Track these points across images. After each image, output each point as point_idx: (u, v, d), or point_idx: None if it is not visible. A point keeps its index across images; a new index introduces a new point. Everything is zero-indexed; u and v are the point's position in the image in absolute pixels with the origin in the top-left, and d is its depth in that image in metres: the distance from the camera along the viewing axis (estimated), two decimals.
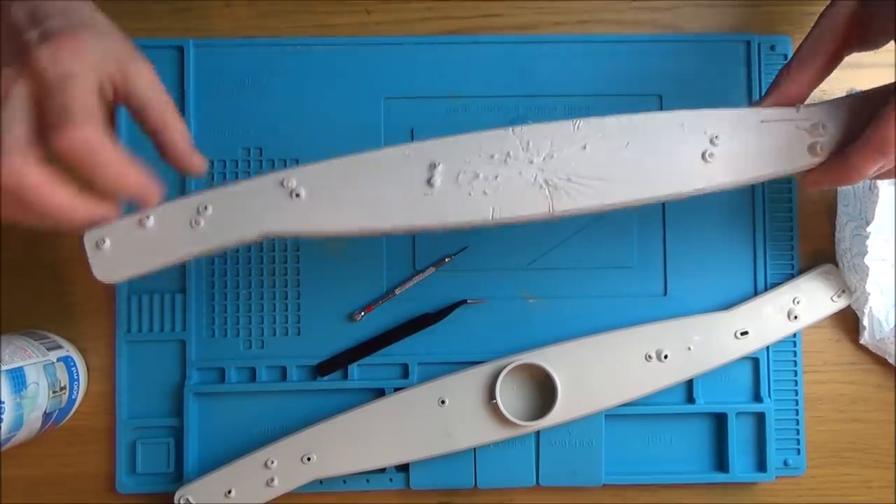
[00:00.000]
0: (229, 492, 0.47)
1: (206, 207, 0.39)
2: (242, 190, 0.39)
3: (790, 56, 0.51)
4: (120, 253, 0.39)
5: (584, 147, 0.39)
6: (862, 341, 0.50)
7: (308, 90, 0.51)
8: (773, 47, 0.51)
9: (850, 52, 0.40)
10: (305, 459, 0.47)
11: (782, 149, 0.39)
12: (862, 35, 0.40)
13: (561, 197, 0.38)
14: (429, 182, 0.39)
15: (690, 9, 0.52)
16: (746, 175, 0.39)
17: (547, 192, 0.39)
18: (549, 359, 0.48)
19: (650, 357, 0.49)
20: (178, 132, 0.38)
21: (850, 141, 0.38)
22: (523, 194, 0.38)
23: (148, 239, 0.39)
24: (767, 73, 0.51)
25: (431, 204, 0.38)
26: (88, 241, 0.38)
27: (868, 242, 0.47)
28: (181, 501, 0.47)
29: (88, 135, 0.33)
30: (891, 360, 0.50)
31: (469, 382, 0.48)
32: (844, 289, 0.50)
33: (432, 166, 0.39)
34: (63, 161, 0.33)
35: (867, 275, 0.47)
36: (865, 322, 0.49)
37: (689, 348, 0.49)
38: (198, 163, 0.39)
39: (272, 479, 0.47)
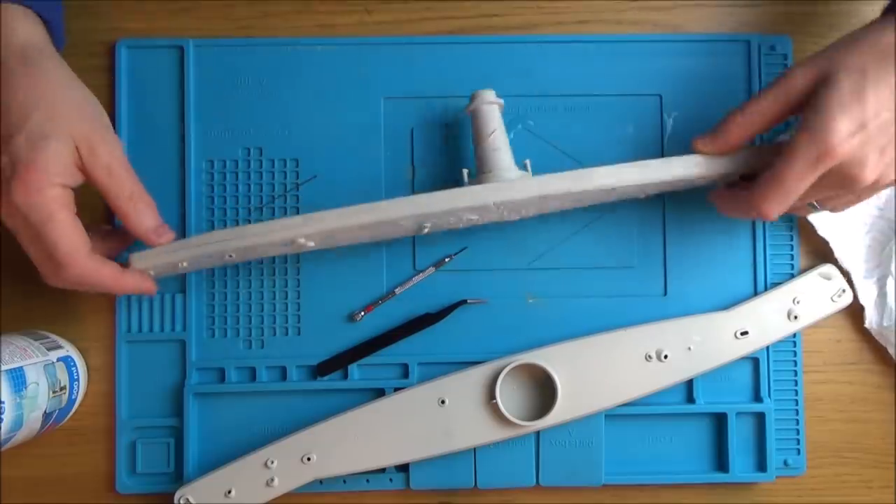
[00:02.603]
0: (229, 492, 0.47)
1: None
2: None
3: (790, 57, 0.51)
4: None
5: None
6: (867, 324, 0.50)
7: (308, 90, 0.51)
8: (773, 47, 0.51)
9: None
10: (305, 459, 0.47)
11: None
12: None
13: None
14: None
15: (690, 9, 0.52)
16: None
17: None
18: (549, 359, 0.48)
19: (650, 357, 0.49)
20: (133, 219, 0.44)
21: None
22: None
23: None
24: (767, 73, 0.51)
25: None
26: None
27: None
28: (181, 501, 0.47)
29: (76, 272, 0.42)
30: (891, 350, 0.50)
31: (469, 382, 0.48)
32: (845, 289, 0.50)
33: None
34: None
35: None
36: (875, 307, 0.49)
37: (689, 348, 0.49)
38: (163, 240, 0.45)
39: (272, 479, 0.47)
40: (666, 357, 0.48)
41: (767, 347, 0.50)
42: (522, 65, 0.51)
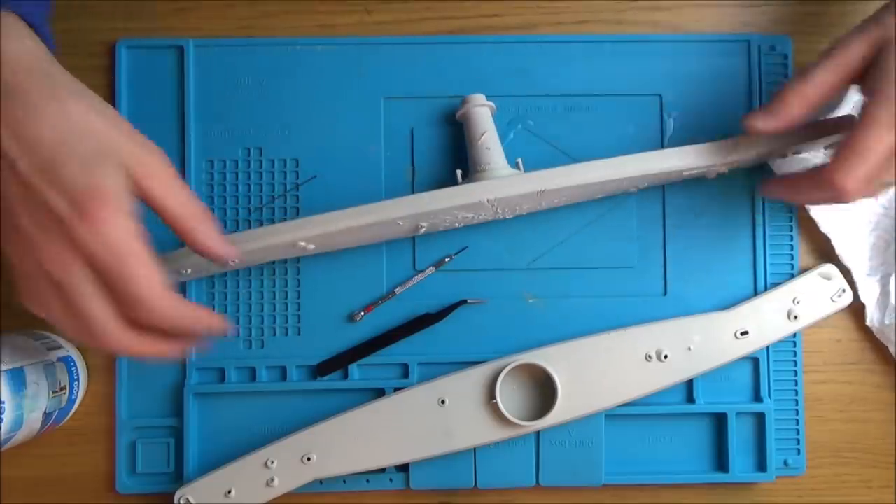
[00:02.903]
0: (229, 492, 0.47)
1: None
2: None
3: (790, 57, 0.51)
4: None
5: None
6: (868, 322, 0.50)
7: (308, 90, 0.51)
8: (773, 47, 0.51)
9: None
10: (305, 459, 0.48)
11: None
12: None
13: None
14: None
15: (691, 9, 0.52)
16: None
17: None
18: (549, 359, 0.48)
19: (650, 357, 0.49)
20: (199, 233, 0.38)
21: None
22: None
23: None
24: (768, 73, 0.51)
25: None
26: None
27: None
28: (181, 501, 0.47)
29: (162, 312, 0.36)
30: (891, 349, 0.50)
31: (469, 382, 0.48)
32: (845, 289, 0.50)
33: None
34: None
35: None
36: (876, 305, 0.50)
37: (689, 348, 0.49)
38: (225, 254, 0.40)
39: (272, 479, 0.47)
40: (666, 357, 0.48)
41: (767, 347, 0.50)
42: (522, 65, 0.51)
